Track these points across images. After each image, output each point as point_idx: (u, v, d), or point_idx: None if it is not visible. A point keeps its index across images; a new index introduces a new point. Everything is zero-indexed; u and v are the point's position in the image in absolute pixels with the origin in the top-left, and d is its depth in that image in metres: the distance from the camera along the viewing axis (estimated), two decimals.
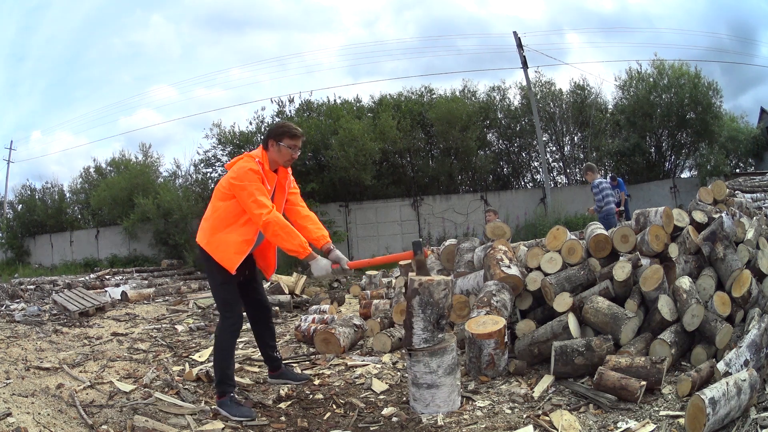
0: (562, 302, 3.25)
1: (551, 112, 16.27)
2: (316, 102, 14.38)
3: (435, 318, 2.58)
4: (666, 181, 14.51)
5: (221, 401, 2.68)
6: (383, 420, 2.55)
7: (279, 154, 2.80)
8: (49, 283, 9.07)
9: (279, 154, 2.80)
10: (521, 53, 14.66)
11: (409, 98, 15.64)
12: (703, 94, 14.08)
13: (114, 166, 17.45)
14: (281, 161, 2.83)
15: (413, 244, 2.80)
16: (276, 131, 2.81)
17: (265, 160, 2.78)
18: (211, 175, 14.12)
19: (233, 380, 2.80)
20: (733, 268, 3.19)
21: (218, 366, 2.75)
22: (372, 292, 5.83)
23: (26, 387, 2.82)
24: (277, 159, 2.81)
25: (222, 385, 2.71)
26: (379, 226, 13.58)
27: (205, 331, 4.87)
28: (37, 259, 17.45)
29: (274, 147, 2.79)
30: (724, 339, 2.84)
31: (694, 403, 2.04)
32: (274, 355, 3.16)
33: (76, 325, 5.16)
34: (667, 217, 3.58)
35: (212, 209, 2.78)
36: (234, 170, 2.71)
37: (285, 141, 2.78)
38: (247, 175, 2.65)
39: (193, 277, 10.80)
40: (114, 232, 15.17)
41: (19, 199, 19.41)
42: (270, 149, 2.80)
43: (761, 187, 8.40)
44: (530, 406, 2.56)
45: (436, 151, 15.47)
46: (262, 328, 3.11)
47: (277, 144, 2.78)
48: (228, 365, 2.77)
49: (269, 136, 2.82)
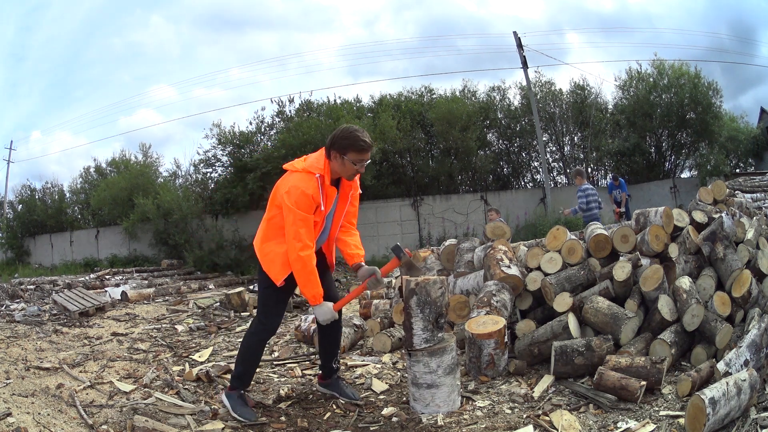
0: (562, 302, 3.25)
1: (551, 112, 16.28)
2: (316, 102, 14.39)
3: (434, 317, 2.58)
4: (666, 181, 14.52)
5: (229, 393, 2.66)
6: (383, 420, 2.55)
7: (342, 168, 2.54)
8: (49, 283, 9.07)
9: (342, 168, 2.54)
10: (521, 53, 14.66)
11: (409, 98, 15.66)
12: (703, 94, 14.09)
13: (114, 166, 17.47)
14: (344, 175, 2.58)
15: (393, 250, 2.73)
16: (340, 142, 2.50)
17: (326, 172, 2.53)
18: (211, 175, 14.12)
19: (249, 381, 2.76)
20: (733, 268, 3.19)
21: (240, 364, 2.71)
22: (372, 292, 5.83)
23: (26, 387, 2.82)
24: (339, 172, 2.57)
25: (236, 380, 2.69)
26: (379, 226, 13.58)
27: (205, 331, 4.87)
28: (37, 259, 17.46)
29: (338, 159, 2.52)
30: (724, 339, 2.84)
31: (694, 403, 2.04)
32: (330, 365, 2.91)
33: (76, 325, 5.15)
34: (667, 217, 3.58)
35: (268, 213, 2.63)
36: (290, 187, 2.49)
37: (350, 155, 2.49)
38: (300, 201, 2.45)
39: (193, 277, 10.79)
40: (114, 232, 15.17)
41: (19, 199, 19.44)
42: (333, 160, 2.54)
43: (761, 187, 8.40)
44: (530, 406, 2.56)
45: (436, 151, 15.48)
46: (331, 337, 2.87)
47: (341, 157, 2.50)
48: (251, 367, 2.74)
49: (332, 147, 2.53)
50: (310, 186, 2.48)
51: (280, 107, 14.09)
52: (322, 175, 2.51)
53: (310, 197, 2.47)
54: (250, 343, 2.71)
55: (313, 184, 2.49)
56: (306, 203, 2.47)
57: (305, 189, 2.47)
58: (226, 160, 13.57)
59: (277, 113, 14.08)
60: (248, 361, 2.72)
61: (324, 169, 2.53)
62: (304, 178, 2.51)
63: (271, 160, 12.12)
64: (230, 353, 3.95)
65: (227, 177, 13.30)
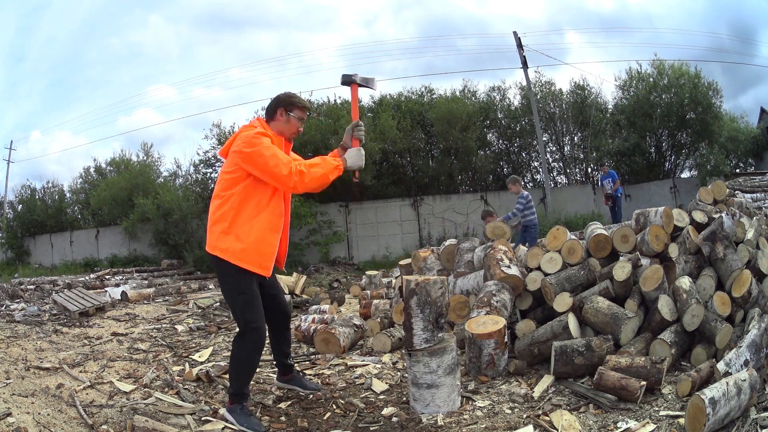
0: (562, 302, 3.25)
1: (551, 112, 16.29)
2: (316, 102, 14.41)
3: (434, 317, 2.58)
4: (666, 181, 14.52)
5: (231, 407, 2.53)
6: (383, 420, 2.55)
7: (287, 124, 2.60)
8: (49, 283, 9.08)
9: (287, 125, 2.60)
10: (521, 53, 14.67)
11: (409, 98, 15.66)
12: (703, 94, 14.10)
13: (114, 166, 17.47)
14: (288, 133, 2.62)
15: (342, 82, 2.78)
16: (286, 100, 2.61)
17: (267, 130, 2.54)
18: (211, 175, 14.13)
19: (248, 393, 2.61)
20: (733, 268, 3.19)
21: (235, 381, 2.55)
22: (372, 292, 5.84)
23: (26, 387, 2.82)
24: (283, 130, 2.61)
25: (236, 397, 2.54)
26: (379, 226, 13.58)
27: (205, 331, 4.87)
28: (37, 259, 17.46)
29: (284, 117, 2.59)
30: (724, 339, 2.84)
31: (694, 403, 2.04)
32: (287, 362, 2.98)
33: (76, 325, 5.15)
34: (667, 217, 3.58)
35: (220, 202, 2.46)
36: (238, 142, 2.44)
37: (295, 111, 2.61)
38: (258, 138, 2.40)
39: (193, 277, 10.80)
40: (114, 232, 15.17)
41: (19, 199, 19.44)
42: (277, 119, 2.60)
43: (761, 187, 8.40)
44: (530, 406, 2.56)
45: (436, 151, 15.49)
46: (278, 335, 2.90)
47: (287, 113, 2.59)
48: (246, 381, 2.57)
49: (279, 105, 2.60)
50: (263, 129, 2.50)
51: None
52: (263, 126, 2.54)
53: (261, 133, 2.45)
54: (242, 358, 2.53)
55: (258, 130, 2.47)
56: (265, 138, 2.43)
57: (251, 132, 2.44)
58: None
59: None
60: (244, 376, 2.56)
61: (264, 128, 2.54)
62: (246, 128, 2.52)
63: None
64: (230, 353, 3.94)
65: None
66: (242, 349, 2.53)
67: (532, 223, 6.94)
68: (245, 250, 2.42)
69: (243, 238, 2.42)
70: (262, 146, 2.38)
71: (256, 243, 2.44)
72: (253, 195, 2.45)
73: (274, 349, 2.98)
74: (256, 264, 2.45)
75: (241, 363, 2.54)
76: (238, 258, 2.42)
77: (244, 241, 2.42)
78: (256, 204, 2.45)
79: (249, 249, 2.43)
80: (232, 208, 2.43)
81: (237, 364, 2.55)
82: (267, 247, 2.47)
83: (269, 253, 2.48)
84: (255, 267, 2.45)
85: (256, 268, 2.45)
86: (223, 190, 2.48)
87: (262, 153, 2.36)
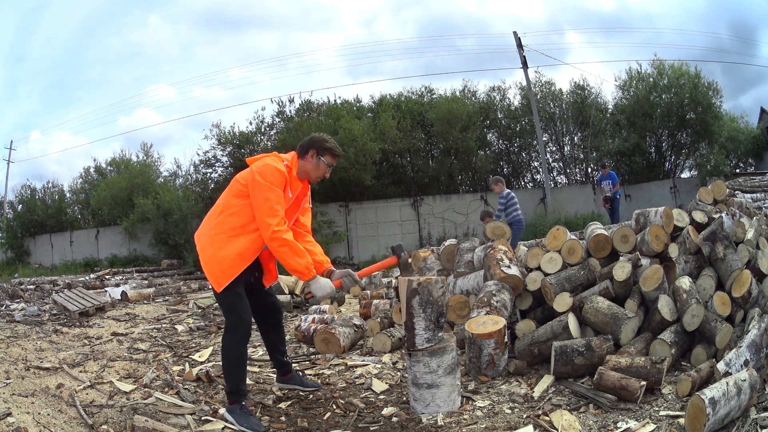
0: (562, 302, 3.25)
1: (551, 112, 16.30)
2: (316, 102, 14.43)
3: (435, 316, 2.59)
4: (666, 181, 14.53)
5: (231, 408, 2.53)
6: (383, 420, 2.55)
7: (315, 167, 2.66)
8: (49, 283, 9.08)
9: (315, 168, 2.67)
10: (521, 53, 14.68)
11: (409, 98, 15.68)
12: (703, 94, 14.11)
13: (114, 166, 17.48)
14: (314, 175, 2.68)
15: (393, 249, 2.78)
16: (321, 144, 2.66)
17: (294, 166, 2.63)
18: (211, 176, 14.14)
19: (245, 390, 2.61)
20: (733, 268, 3.19)
21: (229, 377, 2.56)
22: (372, 292, 5.84)
23: (26, 387, 2.82)
24: (309, 171, 2.67)
25: (233, 395, 2.55)
26: (379, 226, 13.58)
27: (205, 331, 4.87)
28: (37, 259, 17.46)
29: (314, 159, 2.65)
30: (724, 339, 2.84)
31: (694, 403, 2.04)
32: (283, 360, 2.98)
33: (76, 325, 5.16)
34: (667, 217, 3.58)
35: (224, 206, 2.55)
36: (260, 165, 2.52)
37: (326, 157, 2.66)
38: (274, 176, 2.47)
39: (193, 277, 10.80)
40: (114, 232, 15.19)
41: (19, 199, 19.47)
42: (307, 159, 2.66)
43: (761, 187, 8.40)
44: (530, 406, 2.56)
45: (436, 151, 15.50)
46: (271, 332, 2.92)
47: (318, 157, 2.65)
48: (240, 376, 2.58)
49: (312, 146, 2.66)
50: (281, 165, 2.54)
51: (280, 107, 14.14)
52: (288, 165, 2.59)
53: (281, 173, 2.50)
54: (230, 352, 2.56)
55: (283, 165, 2.55)
56: (278, 178, 2.49)
57: (279, 167, 2.52)
58: (226, 161, 13.59)
59: (278, 113, 14.13)
60: (236, 370, 2.57)
61: (292, 162, 2.62)
62: (273, 159, 2.59)
63: None
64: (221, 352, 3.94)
65: (227, 177, 13.30)
66: (228, 340, 2.57)
67: (515, 220, 7.09)
68: (213, 256, 2.49)
69: (216, 245, 2.50)
70: (273, 188, 2.45)
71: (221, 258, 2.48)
72: (247, 216, 2.51)
73: (270, 349, 2.99)
74: (213, 275, 2.49)
75: (229, 356, 2.56)
76: (204, 261, 2.52)
77: (214, 248, 2.50)
78: (243, 224, 2.50)
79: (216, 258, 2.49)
80: (227, 215, 2.53)
81: (226, 359, 2.58)
82: (229, 268, 2.48)
83: (228, 273, 2.47)
84: (210, 277, 2.50)
85: (211, 278, 2.50)
86: (233, 196, 2.55)
87: (265, 189, 2.44)
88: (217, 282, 2.48)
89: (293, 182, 2.60)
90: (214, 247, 2.50)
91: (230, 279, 2.47)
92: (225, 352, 2.58)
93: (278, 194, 2.47)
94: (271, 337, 2.94)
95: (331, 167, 2.72)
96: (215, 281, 2.49)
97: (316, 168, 2.67)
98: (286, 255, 2.46)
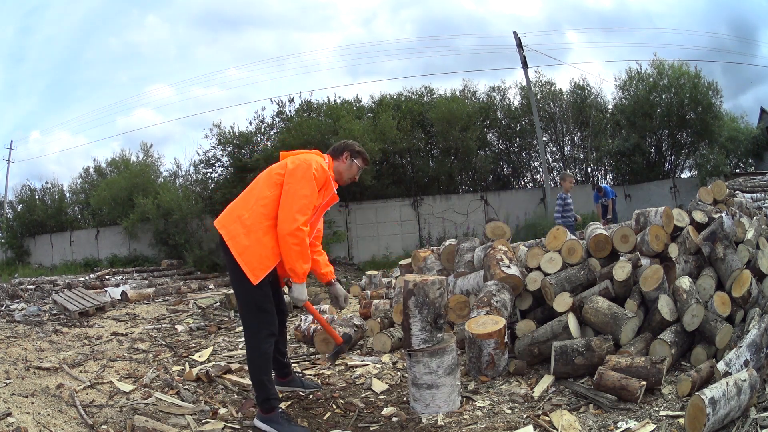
0: (562, 302, 3.25)
1: (551, 112, 16.28)
2: (316, 102, 14.40)
3: (432, 318, 2.58)
4: (666, 181, 14.52)
5: (268, 417, 2.42)
6: (383, 420, 2.55)
7: (348, 169, 2.73)
8: (49, 283, 9.07)
9: (348, 170, 2.73)
10: (521, 53, 14.66)
11: (409, 98, 15.65)
12: (703, 94, 14.09)
13: (114, 166, 17.47)
14: (345, 176, 2.74)
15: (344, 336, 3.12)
16: (354, 148, 2.75)
17: (330, 168, 2.64)
18: (211, 175, 14.12)
19: (277, 394, 2.52)
20: (733, 268, 3.19)
21: (258, 383, 2.46)
22: (372, 292, 5.84)
23: (26, 387, 2.82)
24: (342, 172, 2.72)
25: (265, 403, 2.44)
26: (379, 226, 13.57)
27: (205, 331, 4.87)
28: (37, 259, 17.46)
29: (348, 161, 2.72)
30: (724, 339, 2.84)
31: (694, 403, 2.04)
32: (284, 362, 2.96)
33: (76, 325, 5.15)
34: (667, 217, 3.58)
35: (258, 196, 2.47)
36: (303, 158, 2.53)
37: (359, 160, 2.73)
38: (319, 172, 2.49)
39: (193, 277, 10.79)
40: (114, 232, 15.18)
41: (19, 199, 19.44)
42: (341, 161, 2.71)
43: (761, 187, 8.40)
44: (530, 406, 2.56)
45: (436, 151, 15.48)
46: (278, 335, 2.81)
47: (351, 159, 2.72)
48: (270, 380, 2.50)
49: (347, 149, 2.73)
50: (324, 163, 2.58)
51: (280, 107, 14.11)
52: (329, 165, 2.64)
53: (325, 171, 2.54)
54: (259, 355, 2.46)
55: (324, 164, 2.59)
56: (322, 176, 2.50)
57: (322, 164, 2.55)
58: (226, 160, 13.56)
59: (277, 113, 14.10)
60: (265, 378, 2.48)
61: (329, 164, 2.67)
62: (317, 154, 2.64)
63: (270, 161, 12.05)
64: (230, 353, 3.95)
65: (227, 177, 13.30)
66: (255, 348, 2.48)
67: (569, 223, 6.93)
68: (249, 247, 2.40)
69: (254, 235, 2.41)
70: (314, 186, 2.45)
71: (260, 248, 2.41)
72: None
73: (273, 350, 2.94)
74: (249, 266, 2.39)
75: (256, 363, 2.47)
76: (238, 251, 2.39)
77: (251, 239, 2.40)
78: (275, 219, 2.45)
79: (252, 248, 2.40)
80: (261, 205, 2.45)
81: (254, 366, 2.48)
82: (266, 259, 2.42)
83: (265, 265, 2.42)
84: (247, 267, 2.38)
85: (247, 269, 2.38)
86: (268, 188, 2.50)
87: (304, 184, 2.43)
88: (254, 273, 2.37)
89: (327, 185, 2.59)
90: (251, 238, 2.40)
91: (267, 271, 2.40)
92: (252, 357, 2.47)
93: (315, 194, 2.47)
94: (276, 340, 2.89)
95: (360, 170, 2.79)
96: (252, 272, 2.37)
97: (349, 169, 2.74)
98: (295, 254, 2.39)
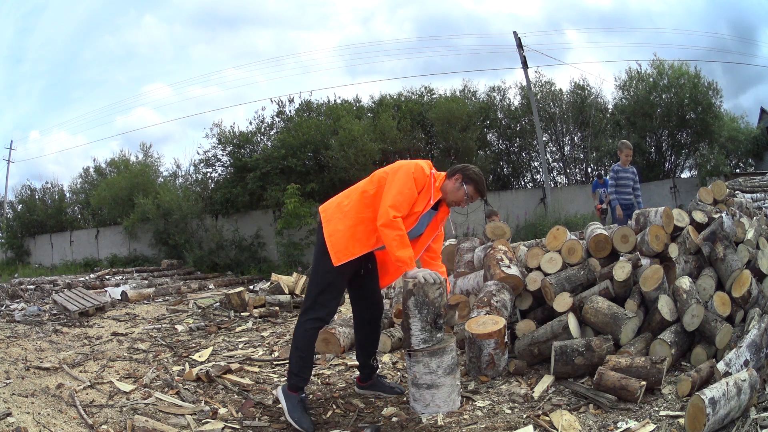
0: (562, 302, 3.25)
1: (551, 112, 16.28)
2: (315, 102, 14.41)
3: (432, 318, 2.58)
4: (666, 181, 14.52)
5: (289, 394, 2.50)
6: (383, 420, 2.55)
7: (456, 191, 2.65)
8: (49, 283, 9.08)
9: (455, 192, 2.65)
10: (521, 53, 14.66)
11: (409, 98, 15.65)
12: (703, 94, 14.09)
13: (114, 166, 17.48)
14: (450, 197, 2.67)
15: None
16: (471, 174, 2.65)
17: (440, 181, 2.65)
18: (211, 175, 14.12)
19: (308, 377, 2.59)
20: (733, 268, 3.19)
21: (297, 358, 2.54)
22: None
23: (26, 387, 2.82)
24: (448, 192, 2.65)
25: (295, 377, 2.52)
26: None
27: (205, 331, 4.87)
28: (37, 259, 17.47)
29: (457, 183, 2.64)
30: (724, 339, 2.84)
31: (694, 403, 2.04)
32: (371, 363, 2.88)
33: (76, 325, 5.15)
34: (667, 217, 3.58)
35: (361, 189, 2.61)
36: (406, 162, 2.61)
37: (469, 188, 2.65)
38: (418, 173, 2.55)
39: (193, 277, 10.80)
40: (114, 232, 15.19)
41: (19, 199, 19.46)
42: (452, 181, 2.65)
43: (761, 187, 8.41)
44: (530, 406, 2.56)
45: (436, 151, 15.47)
46: (368, 331, 2.85)
47: (462, 183, 2.64)
48: (304, 360, 2.55)
49: (461, 171, 2.67)
50: (428, 170, 2.63)
51: (279, 107, 14.12)
52: (435, 176, 2.66)
53: (427, 176, 2.59)
54: (299, 333, 2.54)
55: (430, 172, 2.63)
56: (421, 176, 2.56)
57: (425, 170, 2.61)
58: (226, 160, 13.57)
59: (277, 113, 14.11)
60: (300, 354, 2.54)
61: (440, 177, 2.67)
62: (423, 163, 2.67)
63: (270, 160, 12.12)
64: (230, 353, 3.95)
65: (227, 177, 13.31)
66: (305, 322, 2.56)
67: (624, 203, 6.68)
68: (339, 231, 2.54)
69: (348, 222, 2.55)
70: (413, 185, 2.53)
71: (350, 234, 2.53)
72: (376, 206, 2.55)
73: (358, 348, 2.90)
74: (335, 248, 2.50)
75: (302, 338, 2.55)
76: (329, 232, 2.54)
77: (346, 224, 2.55)
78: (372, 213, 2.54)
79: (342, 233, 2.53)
80: (362, 197, 2.59)
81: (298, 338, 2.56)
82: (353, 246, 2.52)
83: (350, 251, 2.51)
84: (332, 248, 2.50)
85: (332, 250, 2.50)
86: (371, 183, 2.63)
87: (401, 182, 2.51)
88: (337, 256, 2.49)
89: (429, 192, 2.60)
90: (344, 224, 2.54)
91: (350, 257, 2.50)
92: (296, 330, 2.57)
93: (413, 194, 2.53)
94: (367, 337, 2.87)
95: (470, 200, 2.68)
96: (335, 254, 2.49)
97: (455, 192, 2.65)
98: (395, 243, 2.43)
